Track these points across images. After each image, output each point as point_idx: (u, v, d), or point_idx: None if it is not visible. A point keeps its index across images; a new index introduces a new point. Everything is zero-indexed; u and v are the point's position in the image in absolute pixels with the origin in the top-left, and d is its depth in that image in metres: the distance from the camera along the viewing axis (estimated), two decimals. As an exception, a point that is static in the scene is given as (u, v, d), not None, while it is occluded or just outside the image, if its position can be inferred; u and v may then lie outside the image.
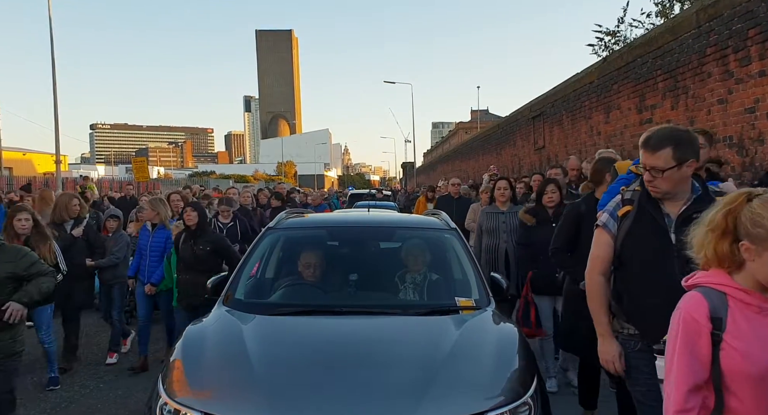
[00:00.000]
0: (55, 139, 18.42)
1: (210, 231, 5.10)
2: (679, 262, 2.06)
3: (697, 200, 2.20)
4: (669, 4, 11.82)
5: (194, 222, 4.94)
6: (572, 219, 3.63)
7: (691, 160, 2.17)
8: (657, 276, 2.17)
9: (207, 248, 4.90)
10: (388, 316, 3.14)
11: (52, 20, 17.44)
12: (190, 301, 4.77)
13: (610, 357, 2.35)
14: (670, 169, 2.16)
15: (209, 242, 4.96)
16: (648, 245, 2.23)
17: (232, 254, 5.04)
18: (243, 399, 2.33)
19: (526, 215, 4.69)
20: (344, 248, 4.11)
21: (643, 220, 2.26)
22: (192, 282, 4.80)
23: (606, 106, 9.54)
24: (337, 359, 2.57)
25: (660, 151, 2.17)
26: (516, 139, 16.27)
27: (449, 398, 2.33)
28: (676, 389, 1.47)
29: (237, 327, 2.93)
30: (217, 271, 4.62)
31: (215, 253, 4.96)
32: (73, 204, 5.57)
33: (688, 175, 2.21)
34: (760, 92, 5.53)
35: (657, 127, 2.30)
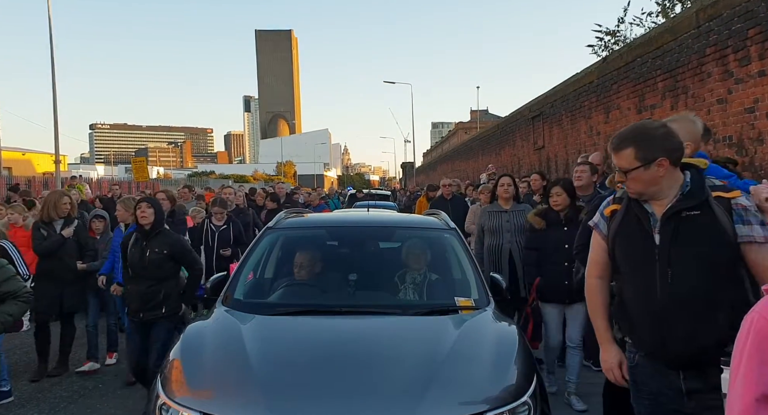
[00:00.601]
0: (54, 139, 18.40)
1: (167, 232, 4.34)
2: (662, 265, 1.97)
3: (686, 196, 2.02)
4: (670, 4, 11.82)
5: (149, 221, 4.19)
6: None
7: (660, 159, 1.99)
8: (639, 281, 2.06)
9: (163, 251, 4.17)
10: (388, 316, 3.13)
11: (51, 20, 17.43)
12: (143, 317, 4.18)
13: (608, 366, 2.23)
14: (635, 170, 2.02)
15: (166, 244, 4.21)
16: (632, 247, 2.11)
17: (192, 259, 4.38)
18: (242, 399, 2.32)
19: (536, 217, 4.42)
20: (343, 248, 4.11)
21: (629, 220, 2.13)
22: (141, 294, 4.15)
23: (606, 106, 9.54)
24: (336, 359, 2.56)
25: (622, 152, 2.05)
26: (515, 139, 16.27)
27: (448, 398, 2.33)
28: (741, 399, 1.30)
29: (236, 327, 2.92)
30: (172, 279, 4.24)
31: (172, 258, 4.23)
32: (63, 202, 5.28)
33: (660, 175, 2.01)
34: (759, 92, 5.52)
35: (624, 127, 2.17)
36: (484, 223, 5.30)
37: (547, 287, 4.21)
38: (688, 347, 1.94)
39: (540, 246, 4.33)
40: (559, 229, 4.25)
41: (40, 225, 5.20)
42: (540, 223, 4.36)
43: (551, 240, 4.23)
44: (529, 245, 4.53)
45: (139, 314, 4.20)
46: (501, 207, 5.27)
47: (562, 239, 4.17)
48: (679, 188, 2.05)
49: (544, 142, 13.30)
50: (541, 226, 4.34)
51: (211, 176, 63.89)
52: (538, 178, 6.37)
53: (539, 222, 4.38)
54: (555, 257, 4.17)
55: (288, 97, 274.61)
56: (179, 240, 4.43)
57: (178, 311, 4.28)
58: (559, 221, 4.30)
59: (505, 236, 5.10)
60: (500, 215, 5.21)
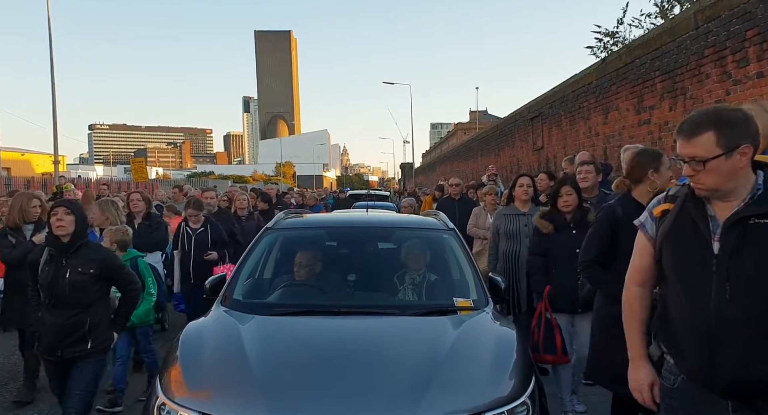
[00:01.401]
0: (53, 140, 18.41)
1: (92, 246, 3.43)
2: (719, 279, 1.71)
3: (757, 201, 1.71)
4: (669, 6, 11.85)
5: (67, 231, 3.22)
6: (606, 225, 3.02)
7: (744, 146, 1.69)
8: (689, 293, 1.78)
9: (89, 270, 3.24)
10: (387, 316, 3.14)
11: (51, 20, 17.43)
12: (61, 356, 3.25)
13: (638, 385, 1.99)
14: (715, 159, 1.69)
15: (92, 261, 3.27)
16: (684, 255, 1.81)
17: (128, 279, 3.47)
18: (241, 399, 2.33)
19: (543, 221, 4.07)
20: (343, 249, 4.12)
21: (683, 222, 1.83)
22: (59, 327, 3.21)
23: (604, 107, 9.56)
24: (335, 359, 2.57)
25: (698, 137, 1.72)
26: (515, 139, 16.29)
27: (447, 398, 2.33)
28: None
29: (235, 327, 2.92)
30: (100, 305, 3.34)
31: (100, 278, 3.32)
32: (32, 206, 4.55)
33: (741, 167, 1.71)
34: (758, 93, 5.54)
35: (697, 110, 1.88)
36: (499, 226, 4.94)
37: (557, 295, 3.84)
38: (739, 374, 1.69)
39: (547, 251, 4.02)
40: (567, 232, 3.96)
41: (8, 232, 4.51)
42: (547, 227, 4.04)
43: (560, 244, 3.92)
44: (534, 251, 4.15)
45: (55, 352, 3.24)
46: (518, 210, 4.89)
47: (571, 243, 3.80)
48: (750, 190, 1.74)
49: (543, 143, 13.32)
50: (549, 230, 4.03)
51: (210, 177, 63.90)
52: (545, 177, 6.13)
53: (546, 226, 4.04)
54: (565, 263, 3.81)
55: (287, 98, 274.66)
56: (109, 256, 3.50)
57: (108, 345, 3.41)
58: (567, 223, 4.00)
59: (523, 242, 4.68)
60: (518, 218, 4.83)
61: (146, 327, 4.55)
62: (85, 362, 3.30)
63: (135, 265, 4.34)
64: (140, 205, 5.77)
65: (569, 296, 3.77)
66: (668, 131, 7.34)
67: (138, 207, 5.77)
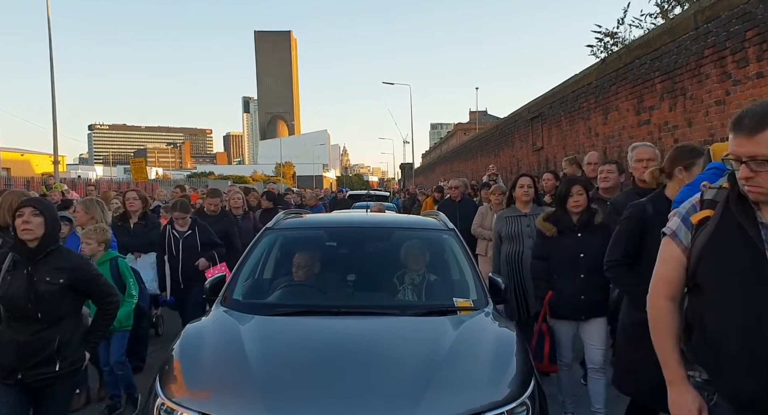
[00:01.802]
0: (53, 140, 18.41)
1: (64, 251, 3.00)
2: None
3: None
4: (669, 6, 11.85)
5: (34, 235, 2.81)
6: (635, 224, 2.85)
7: None
8: (740, 308, 1.62)
9: (58, 280, 2.83)
10: (387, 316, 3.14)
11: (50, 20, 17.43)
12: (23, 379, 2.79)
13: (685, 412, 1.77)
14: None
15: (63, 270, 2.86)
16: (732, 265, 1.65)
17: (104, 290, 3.05)
18: (241, 399, 2.32)
19: (546, 222, 3.85)
20: (342, 249, 4.12)
21: (728, 230, 1.67)
22: (22, 345, 2.77)
23: (604, 108, 9.55)
24: (335, 360, 2.57)
25: (762, 133, 1.55)
26: (514, 140, 16.28)
27: (447, 398, 2.33)
28: None
29: (235, 327, 2.92)
30: (71, 319, 2.94)
31: (72, 289, 2.90)
32: None
33: None
34: (757, 94, 5.53)
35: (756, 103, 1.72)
36: (501, 229, 4.81)
37: (560, 301, 3.68)
38: None
39: (550, 255, 3.80)
40: (572, 235, 3.74)
41: None
42: (551, 229, 3.82)
43: (564, 248, 3.71)
44: (537, 254, 3.93)
45: (15, 375, 2.77)
46: (519, 211, 4.77)
47: (576, 247, 3.68)
48: None
49: (543, 143, 13.32)
50: (552, 233, 3.81)
51: (210, 177, 63.84)
52: (551, 177, 5.90)
53: (550, 228, 3.82)
54: (569, 268, 3.67)
55: (287, 98, 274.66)
56: (83, 264, 3.06)
57: (80, 366, 2.99)
58: (572, 226, 3.77)
59: (526, 242, 4.56)
60: (519, 219, 4.71)
61: (123, 332, 4.15)
62: (54, 389, 2.86)
63: (115, 265, 4.15)
64: (136, 204, 5.65)
65: (572, 302, 3.63)
66: (668, 131, 7.34)
67: (134, 206, 5.65)
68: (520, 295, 4.58)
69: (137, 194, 5.77)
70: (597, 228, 3.72)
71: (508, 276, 4.52)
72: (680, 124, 7.04)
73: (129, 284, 4.15)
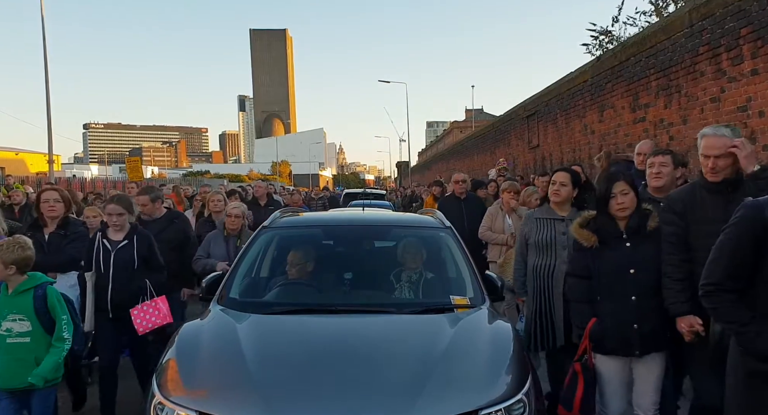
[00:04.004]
0: (48, 139, 18.33)
1: None
2: None
3: None
4: (663, 4, 11.86)
5: None
6: (748, 232, 2.04)
7: None
8: None
9: None
10: (383, 314, 3.14)
11: (44, 19, 17.35)
12: None
13: None
14: None
15: None
16: None
17: None
18: (238, 398, 2.33)
19: (584, 230, 3.04)
20: (339, 247, 4.12)
21: None
22: None
23: (600, 105, 9.58)
24: (332, 358, 2.57)
25: None
26: (510, 138, 16.31)
27: (444, 395, 2.34)
28: None
29: (232, 326, 2.92)
30: None
31: None
32: None
33: None
34: (752, 91, 5.56)
35: None
36: (529, 234, 3.83)
37: (606, 331, 2.91)
38: None
39: (592, 272, 3.01)
40: (618, 245, 2.96)
41: None
42: (589, 239, 3.01)
43: (608, 263, 2.94)
44: (574, 271, 3.12)
45: None
46: (554, 213, 3.75)
47: (624, 261, 2.91)
48: None
49: (539, 141, 13.34)
50: (592, 243, 3.00)
51: (206, 176, 63.73)
52: (580, 170, 4.92)
53: (588, 238, 3.01)
54: (616, 288, 2.91)
55: (283, 97, 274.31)
56: None
57: None
58: (619, 234, 2.97)
59: (559, 254, 3.62)
60: (553, 224, 3.71)
61: (49, 391, 3.19)
62: None
63: (44, 296, 3.17)
64: (58, 209, 4.29)
65: (622, 333, 2.87)
66: (663, 129, 7.37)
67: (55, 210, 4.28)
68: (547, 320, 3.65)
69: (59, 195, 4.38)
70: (651, 235, 2.93)
71: (533, 295, 3.73)
72: (675, 121, 7.07)
73: (60, 323, 3.17)
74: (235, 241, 4.94)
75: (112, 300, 3.92)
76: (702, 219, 2.73)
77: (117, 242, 4.02)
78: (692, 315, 2.72)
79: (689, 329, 2.73)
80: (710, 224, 2.56)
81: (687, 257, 2.77)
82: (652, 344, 2.91)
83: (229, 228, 5.00)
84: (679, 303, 2.76)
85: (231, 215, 5.01)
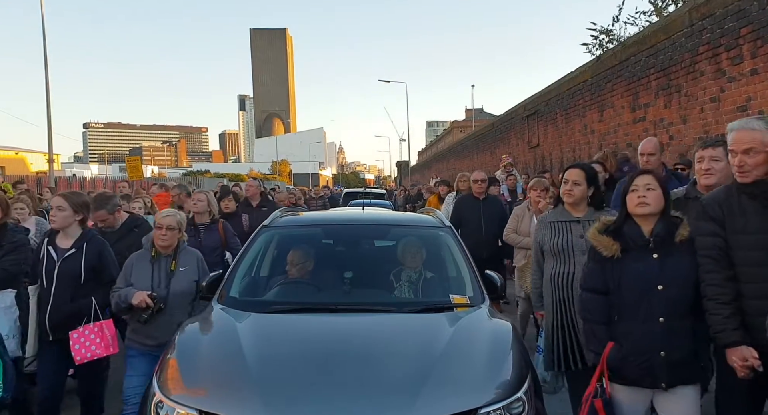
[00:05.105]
0: (47, 138, 18.33)
1: None
2: None
3: None
4: (663, 3, 11.87)
5: None
6: None
7: None
8: None
9: None
10: (383, 313, 3.14)
11: (44, 18, 17.35)
12: None
13: None
14: None
15: None
16: None
17: None
18: (238, 396, 2.33)
19: (604, 237, 2.60)
20: (339, 246, 4.12)
21: None
22: None
23: (600, 105, 9.58)
24: (332, 356, 2.57)
25: None
26: (510, 137, 16.31)
27: (444, 394, 2.34)
28: None
29: (232, 325, 2.93)
30: None
31: None
32: None
33: None
34: (752, 91, 5.57)
35: None
36: (543, 239, 3.43)
37: (626, 358, 2.48)
38: None
39: (610, 287, 2.58)
40: (644, 257, 2.51)
41: None
42: (611, 247, 2.57)
43: (632, 276, 2.51)
44: (590, 285, 2.67)
45: None
46: (570, 214, 3.36)
47: (651, 275, 2.48)
48: None
49: (539, 141, 13.34)
50: (614, 252, 2.57)
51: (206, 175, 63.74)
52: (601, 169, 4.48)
53: (610, 245, 2.57)
54: (640, 307, 2.49)
55: (283, 96, 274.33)
56: None
57: None
58: (645, 242, 2.54)
59: (578, 260, 3.17)
60: (568, 226, 3.32)
61: None
62: None
63: None
64: None
65: (646, 360, 2.45)
66: (663, 128, 7.37)
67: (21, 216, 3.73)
68: (570, 335, 3.20)
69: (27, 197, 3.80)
70: (681, 246, 2.51)
71: (553, 307, 3.32)
72: (675, 121, 7.08)
73: None
74: (168, 263, 3.55)
75: (50, 320, 3.38)
76: (740, 227, 2.37)
77: (64, 249, 3.45)
78: (745, 345, 2.30)
79: (743, 364, 2.29)
80: (750, 233, 2.30)
81: (731, 274, 2.37)
82: (683, 375, 2.46)
83: (159, 245, 3.55)
84: (729, 331, 2.32)
85: (161, 227, 3.52)
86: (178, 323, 3.23)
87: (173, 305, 3.46)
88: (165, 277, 3.51)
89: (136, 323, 3.41)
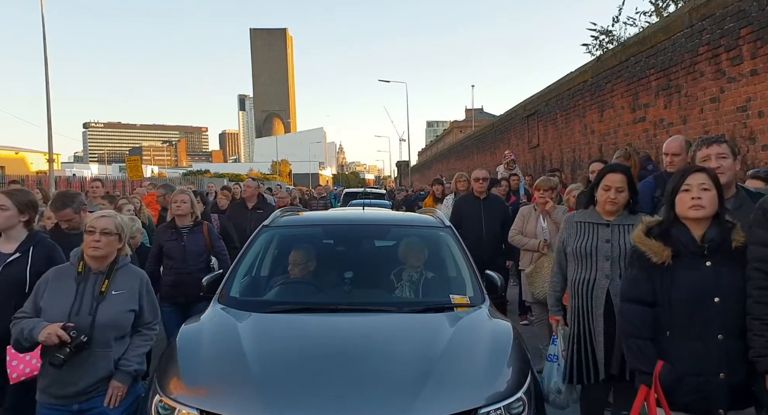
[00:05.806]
0: (48, 138, 18.32)
1: None
2: None
3: None
4: (663, 4, 11.87)
5: None
6: None
7: None
8: None
9: None
10: (384, 313, 3.15)
11: (44, 18, 17.34)
12: None
13: None
14: None
15: None
16: None
17: None
18: (239, 396, 2.33)
19: (652, 240, 2.31)
20: (339, 246, 4.13)
21: None
22: None
23: (600, 105, 9.58)
24: (332, 356, 2.57)
25: None
26: (510, 137, 16.31)
27: (444, 394, 2.35)
28: None
29: (232, 325, 2.93)
30: None
31: None
32: None
33: None
34: (752, 91, 5.57)
35: None
36: (567, 240, 3.19)
37: (680, 381, 2.20)
38: None
39: (658, 298, 2.29)
40: (697, 265, 2.23)
41: None
42: (662, 252, 2.26)
43: (683, 285, 2.23)
44: (635, 295, 2.35)
45: None
46: (599, 216, 3.09)
47: (708, 286, 2.20)
48: None
49: (539, 141, 13.35)
50: (665, 258, 2.25)
51: (206, 175, 63.69)
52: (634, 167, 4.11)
53: (661, 251, 2.27)
54: (697, 323, 2.21)
55: (283, 96, 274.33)
56: None
57: None
58: (698, 248, 2.25)
59: (600, 266, 3.00)
60: (596, 229, 3.07)
61: None
62: None
63: None
64: None
65: (706, 383, 2.17)
66: (663, 129, 7.38)
67: None
68: (586, 347, 3.04)
69: None
70: (736, 254, 2.23)
71: (571, 314, 3.14)
72: (675, 121, 7.08)
73: None
74: (99, 283, 2.73)
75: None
76: None
77: (6, 254, 3.02)
78: None
79: None
80: None
81: None
82: (742, 401, 2.20)
83: (89, 256, 2.75)
84: None
85: (94, 230, 2.71)
86: (104, 368, 2.61)
87: (98, 341, 2.60)
88: (91, 300, 2.68)
89: (50, 368, 2.55)
